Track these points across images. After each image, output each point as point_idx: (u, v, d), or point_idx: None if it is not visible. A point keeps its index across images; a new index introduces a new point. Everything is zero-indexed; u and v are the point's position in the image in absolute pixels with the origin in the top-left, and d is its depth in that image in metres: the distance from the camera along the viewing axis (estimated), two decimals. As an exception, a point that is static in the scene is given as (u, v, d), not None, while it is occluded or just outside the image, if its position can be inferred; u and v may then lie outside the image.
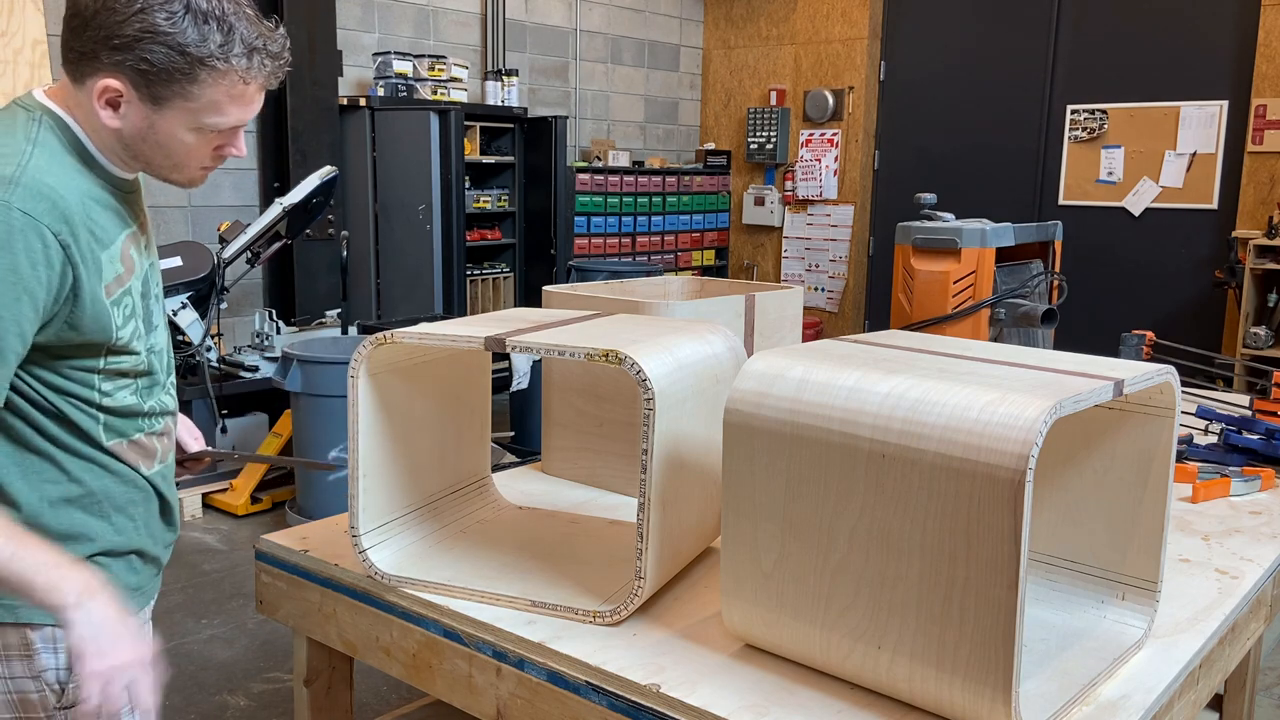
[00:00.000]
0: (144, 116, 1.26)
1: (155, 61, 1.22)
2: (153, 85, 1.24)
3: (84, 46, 1.24)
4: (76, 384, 1.30)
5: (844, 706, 1.20)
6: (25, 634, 1.30)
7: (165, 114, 1.27)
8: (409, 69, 5.94)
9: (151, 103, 1.25)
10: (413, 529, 1.63)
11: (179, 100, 1.26)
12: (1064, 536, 1.46)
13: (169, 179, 1.36)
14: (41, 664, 1.31)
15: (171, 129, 1.28)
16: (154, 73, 1.23)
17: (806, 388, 1.22)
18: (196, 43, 1.22)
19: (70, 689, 1.31)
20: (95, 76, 1.24)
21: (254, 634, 3.48)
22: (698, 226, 7.94)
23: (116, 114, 1.26)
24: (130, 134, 1.28)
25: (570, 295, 2.07)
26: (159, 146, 1.30)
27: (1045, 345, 3.38)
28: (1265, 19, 5.90)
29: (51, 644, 1.31)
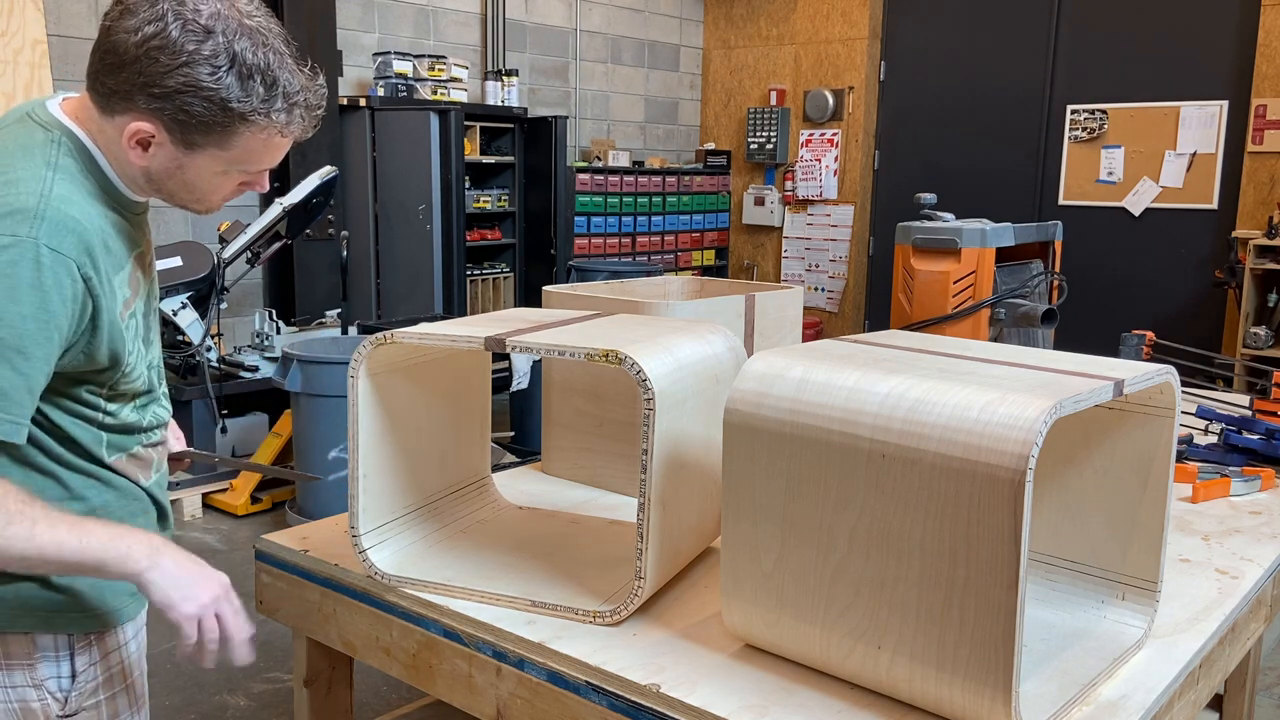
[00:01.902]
0: (174, 158, 1.26)
1: (194, 113, 1.21)
2: (188, 133, 1.23)
3: (119, 86, 1.21)
4: (83, 405, 1.30)
5: (844, 706, 1.20)
6: (26, 643, 1.30)
7: (196, 158, 1.26)
8: (409, 69, 5.95)
9: (185, 147, 1.25)
10: (413, 529, 1.63)
11: (213, 149, 1.25)
12: (1064, 536, 1.46)
13: (187, 208, 1.36)
14: (43, 673, 1.30)
15: (200, 171, 1.28)
16: (191, 124, 1.22)
17: (806, 388, 1.22)
18: (239, 98, 1.20)
19: (73, 697, 1.32)
20: (127, 115, 1.22)
21: (254, 634, 3.47)
22: (698, 226, 7.94)
23: (145, 153, 1.25)
24: (157, 172, 1.28)
25: (570, 295, 2.07)
26: (185, 184, 1.30)
27: (1045, 345, 3.38)
28: (1265, 19, 5.90)
29: (54, 652, 1.31)
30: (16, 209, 1.18)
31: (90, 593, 1.33)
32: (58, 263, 1.18)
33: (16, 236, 1.16)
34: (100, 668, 1.35)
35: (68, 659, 1.31)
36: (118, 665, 1.38)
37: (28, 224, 1.17)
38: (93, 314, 1.24)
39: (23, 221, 1.17)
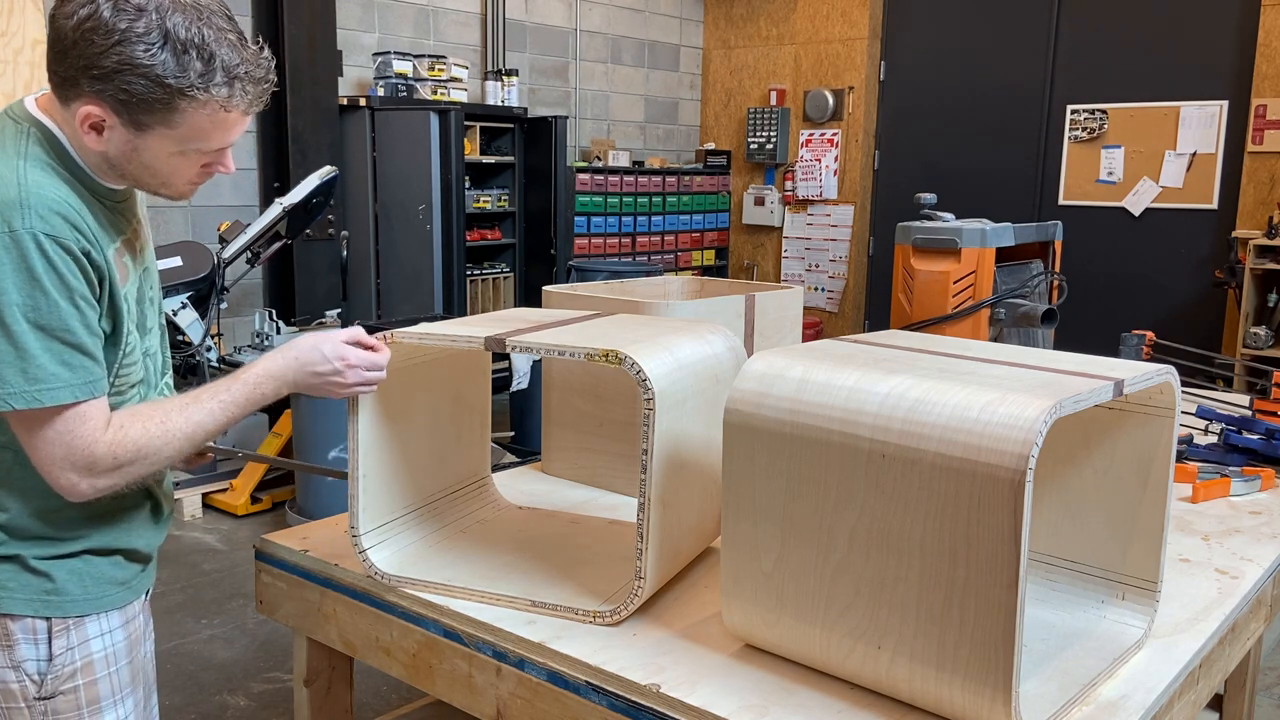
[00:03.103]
0: (127, 141, 1.28)
1: (134, 92, 1.22)
2: (134, 113, 1.25)
3: (65, 72, 1.24)
4: None
5: (844, 706, 1.20)
6: (5, 624, 1.32)
7: (148, 139, 1.28)
8: (409, 69, 5.95)
9: (134, 128, 1.27)
10: (413, 529, 1.63)
11: (160, 127, 1.27)
12: (1064, 536, 1.46)
13: (157, 194, 1.38)
14: (21, 654, 1.33)
15: (155, 152, 1.30)
16: (134, 102, 1.23)
17: (806, 388, 1.22)
18: (175, 74, 1.22)
19: (49, 680, 1.34)
20: (78, 101, 1.25)
21: (254, 634, 3.48)
22: (698, 226, 7.94)
23: (100, 138, 1.28)
24: (115, 155, 1.30)
25: (570, 295, 2.07)
26: (144, 167, 1.32)
27: (1045, 345, 3.38)
28: (1265, 19, 5.90)
29: (31, 635, 1.33)
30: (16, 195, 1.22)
31: (69, 580, 1.35)
32: (55, 244, 1.23)
33: (13, 231, 1.21)
34: (79, 652, 1.36)
35: (46, 642, 1.33)
36: (100, 652, 1.38)
37: (18, 216, 1.22)
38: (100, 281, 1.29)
39: (12, 214, 1.22)
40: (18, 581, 1.33)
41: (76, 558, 1.36)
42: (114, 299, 1.31)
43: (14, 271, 1.21)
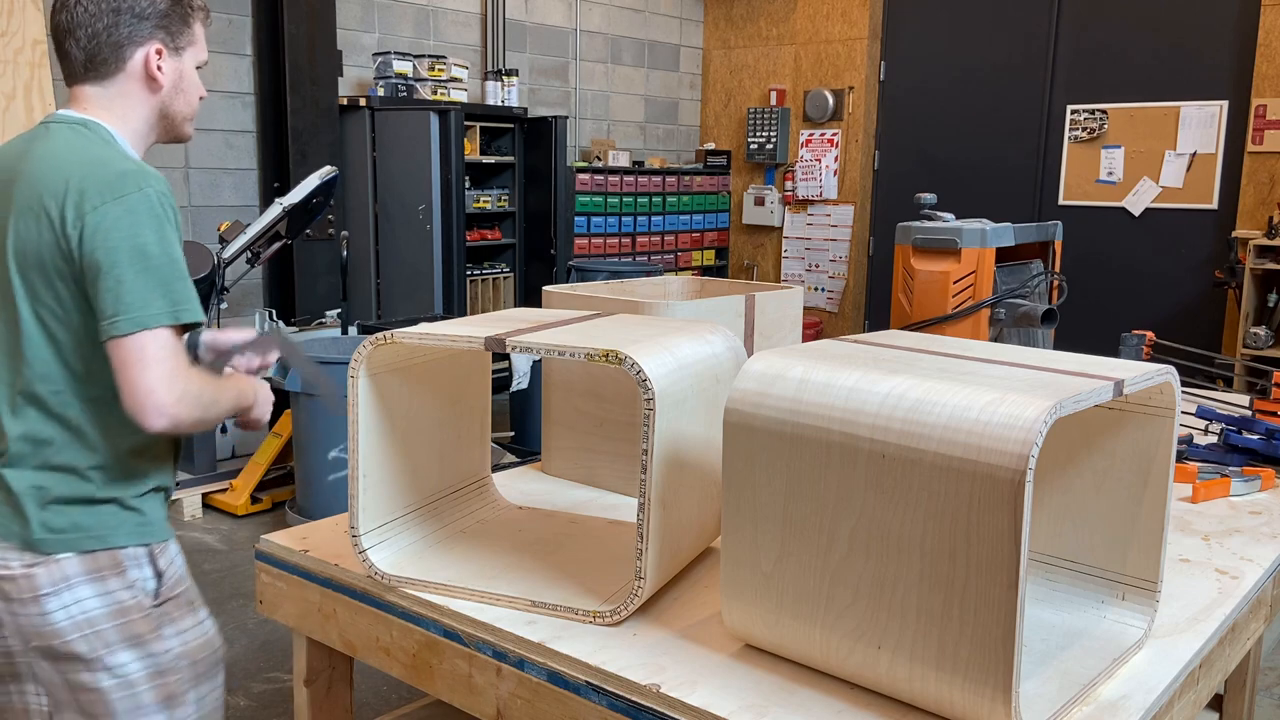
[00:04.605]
0: (175, 68, 1.66)
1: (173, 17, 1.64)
2: (175, 39, 1.65)
3: (120, 34, 1.60)
4: None
5: (844, 706, 1.20)
6: (115, 555, 1.58)
7: (184, 59, 1.67)
8: (409, 69, 5.95)
9: (176, 54, 1.66)
10: (413, 529, 1.63)
11: (188, 47, 1.68)
12: (1064, 536, 1.46)
13: (182, 132, 1.74)
14: (132, 577, 1.59)
15: (189, 72, 1.68)
16: (173, 28, 1.64)
17: (806, 388, 1.22)
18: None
19: (162, 591, 1.62)
20: (138, 51, 1.62)
21: (254, 634, 3.47)
22: (698, 226, 7.94)
23: (160, 76, 1.64)
24: (169, 88, 1.66)
25: (570, 295, 2.07)
26: (184, 92, 1.69)
27: (1045, 345, 3.38)
28: (1265, 19, 5.90)
29: (136, 561, 1.60)
30: (127, 170, 1.54)
31: (153, 512, 1.64)
32: (171, 202, 1.58)
33: (144, 191, 1.53)
34: (173, 568, 1.64)
35: (150, 563, 1.61)
36: (180, 567, 1.67)
37: (144, 179, 1.54)
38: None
39: (140, 179, 1.54)
40: (119, 519, 1.60)
41: (152, 494, 1.65)
42: None
43: (149, 218, 1.52)
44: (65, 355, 1.57)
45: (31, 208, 1.54)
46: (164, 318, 1.50)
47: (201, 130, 5.54)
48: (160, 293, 1.51)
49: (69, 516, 1.57)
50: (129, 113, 1.64)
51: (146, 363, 1.49)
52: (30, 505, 1.57)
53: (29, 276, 1.55)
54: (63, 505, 1.58)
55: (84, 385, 1.57)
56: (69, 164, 1.55)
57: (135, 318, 1.48)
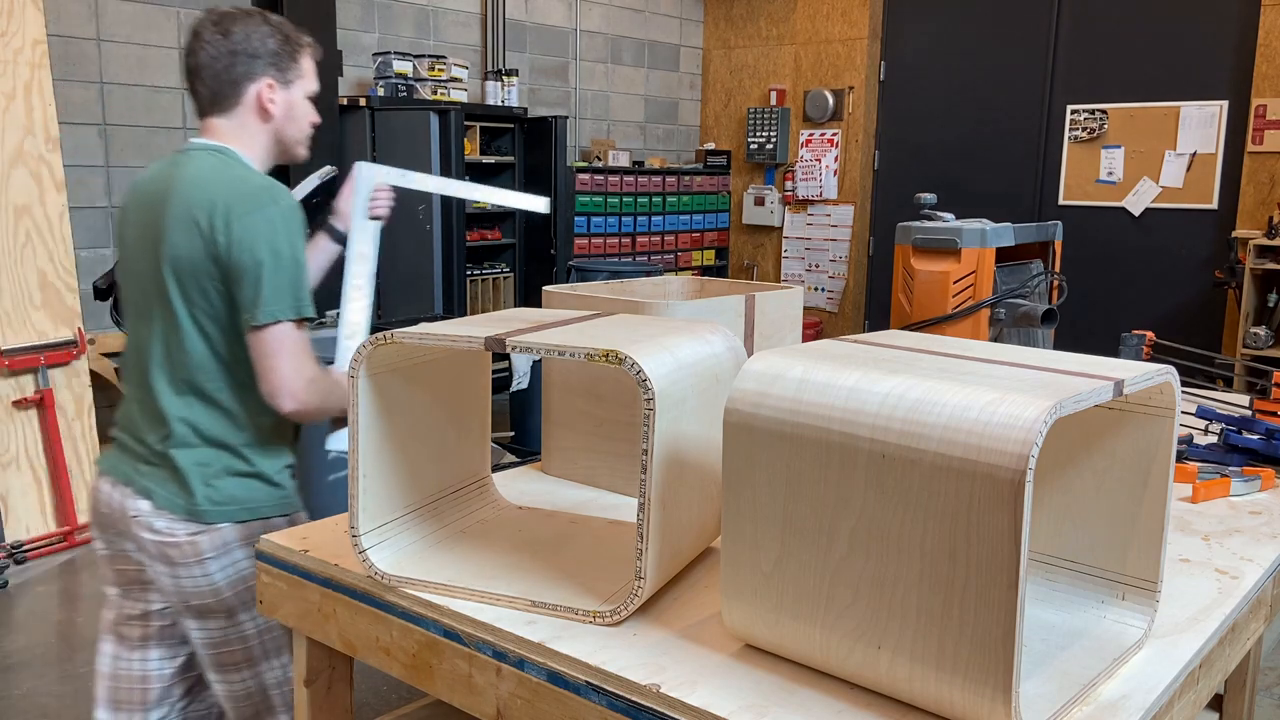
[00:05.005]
0: (285, 99, 1.95)
1: (281, 55, 1.93)
2: (285, 72, 1.94)
3: (237, 73, 1.90)
4: None
5: (844, 706, 1.20)
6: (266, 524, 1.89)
7: (294, 91, 1.96)
8: (409, 69, 5.95)
9: (286, 86, 1.95)
10: (413, 529, 1.63)
11: (296, 79, 1.97)
12: (1064, 536, 1.46)
13: (295, 154, 2.03)
14: None
15: (299, 103, 1.98)
16: (282, 64, 1.94)
17: (806, 388, 1.22)
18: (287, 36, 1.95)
19: None
20: (251, 87, 1.92)
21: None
22: (698, 226, 7.94)
23: (272, 106, 1.93)
24: (280, 117, 1.95)
25: (570, 295, 2.06)
26: (295, 120, 1.98)
27: (1045, 345, 3.38)
28: (1265, 19, 5.90)
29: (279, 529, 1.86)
30: (262, 186, 1.84)
31: (289, 486, 1.96)
32: (295, 212, 1.86)
33: (278, 204, 1.82)
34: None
35: None
36: None
37: (281, 195, 1.84)
38: None
39: (277, 194, 1.84)
40: (265, 492, 1.91)
41: (286, 469, 1.95)
42: None
43: (282, 227, 1.81)
44: (216, 346, 1.85)
45: (183, 222, 1.81)
46: (290, 312, 1.81)
47: (201, 130, 5.54)
48: (290, 291, 1.81)
49: (226, 490, 1.86)
50: (250, 139, 1.94)
51: (279, 352, 1.80)
52: (195, 480, 1.85)
53: (183, 281, 1.83)
54: (221, 480, 1.86)
55: (232, 372, 1.86)
56: (212, 184, 1.83)
57: (270, 311, 1.79)
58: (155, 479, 1.86)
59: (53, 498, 4.23)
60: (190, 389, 1.85)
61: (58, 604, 3.71)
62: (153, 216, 1.86)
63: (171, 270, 1.82)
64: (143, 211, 1.90)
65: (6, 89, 4.17)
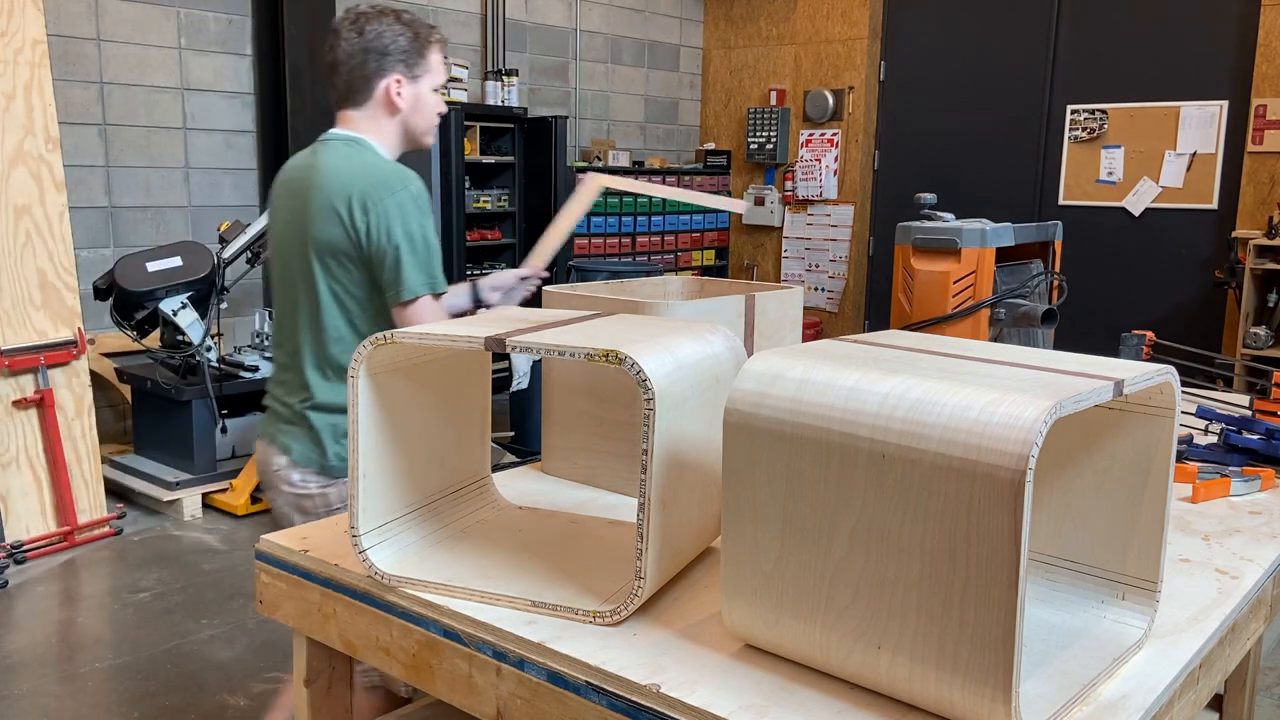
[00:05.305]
0: (412, 92, 2.16)
1: (409, 51, 2.13)
2: (411, 68, 2.15)
3: (369, 69, 2.12)
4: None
5: (844, 707, 1.20)
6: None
7: (421, 84, 2.17)
8: (409, 69, 5.94)
9: (413, 80, 2.15)
10: (413, 529, 1.63)
11: (424, 74, 2.16)
12: (1064, 536, 1.46)
13: (422, 142, 2.23)
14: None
15: (426, 95, 2.17)
16: (409, 60, 2.14)
17: (806, 388, 1.22)
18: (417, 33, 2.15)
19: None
20: (380, 83, 2.13)
21: (254, 634, 3.48)
22: (698, 226, 7.94)
23: (399, 99, 2.14)
24: (408, 109, 2.16)
25: (570, 295, 2.07)
26: (422, 111, 2.18)
27: (1045, 345, 3.38)
28: (1265, 19, 5.90)
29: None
30: (393, 173, 2.07)
31: None
32: (424, 194, 2.10)
33: (408, 189, 2.05)
34: None
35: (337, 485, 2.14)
36: None
37: (410, 179, 2.07)
38: None
39: (407, 179, 2.06)
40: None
41: None
42: None
43: (414, 210, 2.04)
44: (354, 321, 2.09)
45: (325, 211, 2.04)
46: (426, 289, 2.05)
47: (201, 130, 5.54)
48: (424, 269, 2.05)
49: None
50: (380, 129, 2.15)
51: (420, 321, 2.05)
52: (327, 438, 2.09)
53: (326, 262, 2.05)
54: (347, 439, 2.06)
55: None
56: (347, 173, 2.05)
57: (410, 288, 2.03)
58: (293, 436, 2.10)
59: (53, 498, 4.23)
60: (328, 360, 2.08)
61: (58, 604, 3.71)
62: (299, 204, 2.09)
63: (316, 254, 2.06)
64: (289, 198, 2.13)
65: (6, 89, 4.17)
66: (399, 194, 2.04)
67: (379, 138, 2.16)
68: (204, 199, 5.55)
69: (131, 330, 4.57)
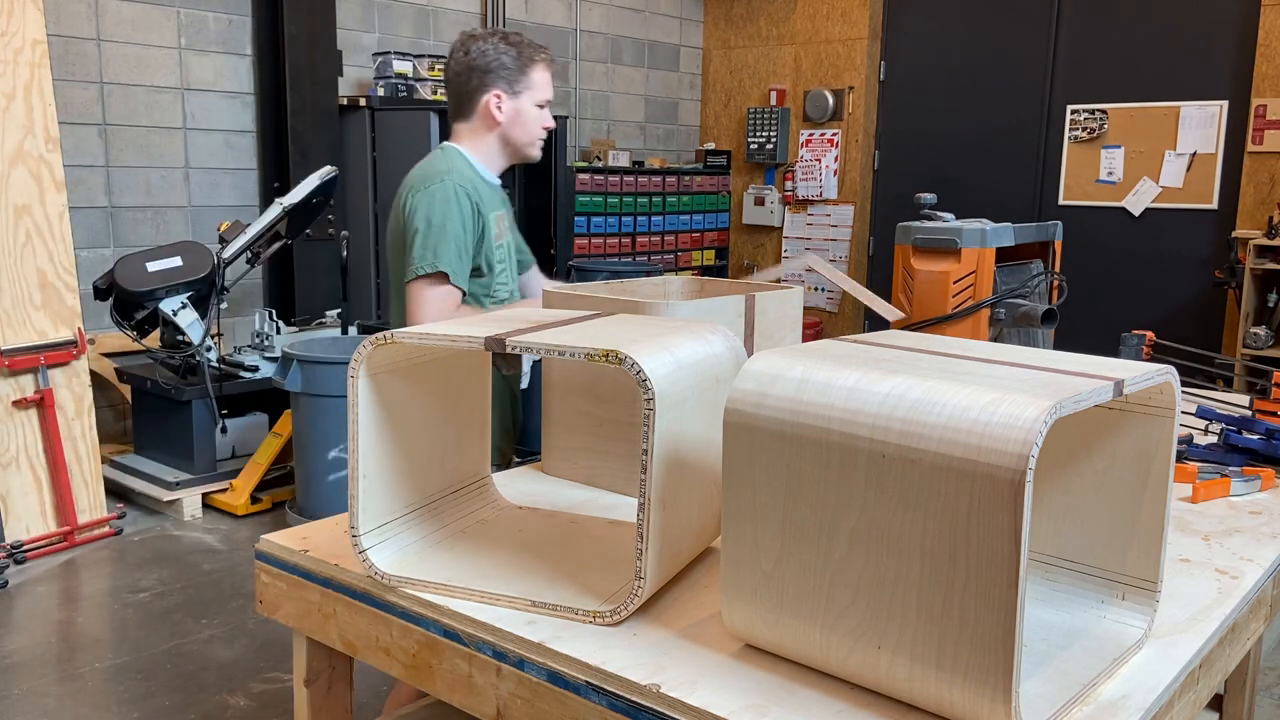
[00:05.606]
0: (513, 107, 2.36)
1: (510, 69, 2.34)
2: (513, 85, 2.35)
3: (473, 85, 2.34)
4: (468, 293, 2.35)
5: (844, 707, 1.20)
6: None
7: (522, 100, 2.36)
8: (409, 69, 5.94)
9: (514, 96, 2.36)
10: (413, 529, 1.63)
11: (525, 90, 2.36)
12: (1064, 536, 1.46)
13: (527, 155, 2.43)
14: None
15: (526, 108, 2.37)
16: (511, 76, 2.34)
17: (806, 388, 1.22)
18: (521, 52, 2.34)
19: None
20: (483, 97, 2.35)
21: (254, 634, 3.48)
22: (698, 226, 7.94)
23: (499, 113, 2.35)
24: (507, 123, 2.37)
25: (570, 295, 2.06)
26: (521, 126, 2.38)
27: (1045, 345, 3.37)
28: (1265, 19, 5.90)
29: None
30: (438, 172, 2.30)
31: None
32: (464, 193, 2.28)
33: (442, 183, 2.26)
34: None
35: None
36: None
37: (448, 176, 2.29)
38: (482, 227, 2.32)
39: (443, 176, 2.28)
40: None
41: None
42: (485, 238, 2.33)
43: (439, 202, 2.24)
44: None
45: (396, 204, 2.34)
46: (429, 268, 2.23)
47: (201, 130, 5.54)
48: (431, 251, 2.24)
49: None
50: (480, 142, 2.39)
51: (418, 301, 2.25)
52: None
53: (399, 249, 2.31)
54: None
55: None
56: (413, 172, 2.35)
57: (414, 269, 2.24)
58: None
59: (53, 498, 4.23)
60: None
61: (58, 604, 3.71)
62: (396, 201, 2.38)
63: (392, 242, 2.35)
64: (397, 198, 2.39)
65: (6, 89, 4.17)
66: (431, 187, 2.25)
67: (477, 149, 2.38)
68: (204, 199, 5.55)
69: (131, 330, 4.57)
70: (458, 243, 2.25)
